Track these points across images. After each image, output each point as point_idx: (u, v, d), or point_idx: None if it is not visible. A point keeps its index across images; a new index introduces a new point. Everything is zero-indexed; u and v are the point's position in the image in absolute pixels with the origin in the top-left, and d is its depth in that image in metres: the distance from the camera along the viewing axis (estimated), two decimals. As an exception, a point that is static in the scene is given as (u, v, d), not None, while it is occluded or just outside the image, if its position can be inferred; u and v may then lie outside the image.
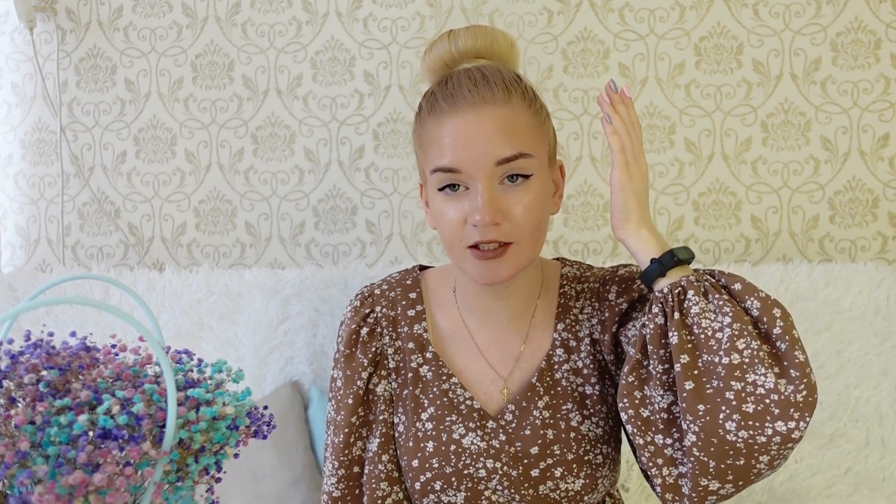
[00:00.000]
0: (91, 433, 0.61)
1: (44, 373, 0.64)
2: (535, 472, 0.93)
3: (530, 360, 0.98)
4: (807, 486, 1.42)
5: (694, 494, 0.82)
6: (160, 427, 0.63)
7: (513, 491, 0.92)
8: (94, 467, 0.59)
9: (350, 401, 0.99)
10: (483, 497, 0.93)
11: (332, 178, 1.73)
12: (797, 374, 0.77)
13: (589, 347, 0.97)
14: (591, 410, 0.95)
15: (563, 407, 0.95)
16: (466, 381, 0.98)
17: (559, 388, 0.96)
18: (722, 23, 1.66)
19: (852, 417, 1.45)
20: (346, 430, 0.98)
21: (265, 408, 0.75)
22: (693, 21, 1.67)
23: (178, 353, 0.72)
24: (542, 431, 0.93)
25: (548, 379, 0.96)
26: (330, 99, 1.72)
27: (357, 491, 0.99)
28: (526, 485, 0.92)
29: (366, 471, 0.98)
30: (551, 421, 0.94)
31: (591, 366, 0.97)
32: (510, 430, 0.94)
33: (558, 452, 0.93)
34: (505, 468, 0.93)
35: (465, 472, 0.93)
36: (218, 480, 0.70)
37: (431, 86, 0.95)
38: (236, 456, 0.70)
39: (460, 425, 0.95)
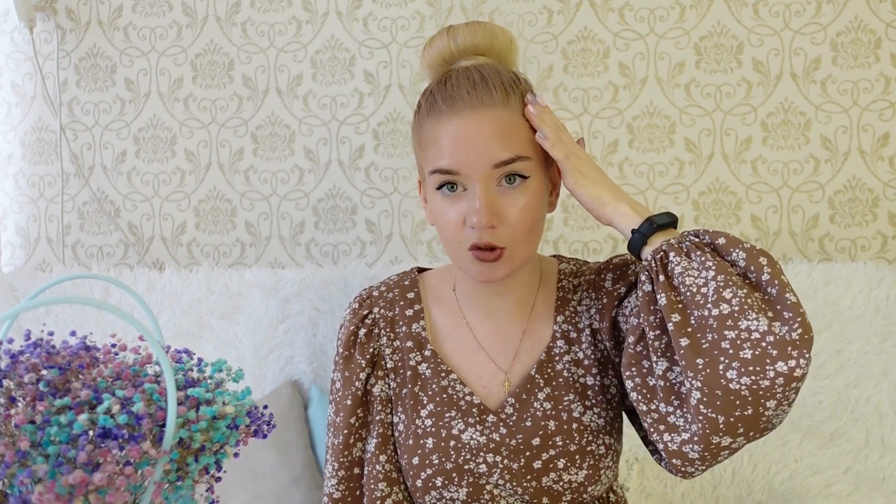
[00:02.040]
0: (91, 432, 0.61)
1: (44, 372, 0.64)
2: (537, 464, 0.93)
3: (530, 353, 0.99)
4: (807, 485, 1.42)
5: (707, 454, 0.81)
6: (160, 426, 0.63)
7: (514, 484, 0.93)
8: (94, 467, 0.59)
9: (349, 402, 0.99)
10: (485, 492, 0.93)
11: (331, 177, 1.73)
12: (790, 314, 0.77)
13: (589, 338, 0.98)
14: (593, 401, 0.96)
15: (565, 398, 0.95)
16: (466, 376, 0.98)
17: (560, 380, 0.96)
18: (722, 22, 1.66)
19: (852, 417, 1.45)
20: (346, 432, 0.99)
21: (265, 407, 0.75)
22: (693, 20, 1.67)
23: (178, 353, 0.72)
24: (543, 423, 0.94)
25: (548, 370, 0.97)
26: (330, 98, 1.72)
27: (358, 492, 0.99)
28: (528, 477, 0.93)
29: (365, 471, 0.99)
30: (553, 412, 0.95)
31: (592, 357, 0.97)
32: (511, 424, 0.95)
33: (560, 444, 0.93)
34: (506, 462, 0.93)
35: (466, 467, 0.93)
36: (218, 480, 0.70)
37: (430, 84, 0.95)
38: (236, 455, 0.70)
39: (459, 421, 0.95)
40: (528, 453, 0.93)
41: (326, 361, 1.53)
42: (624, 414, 1.00)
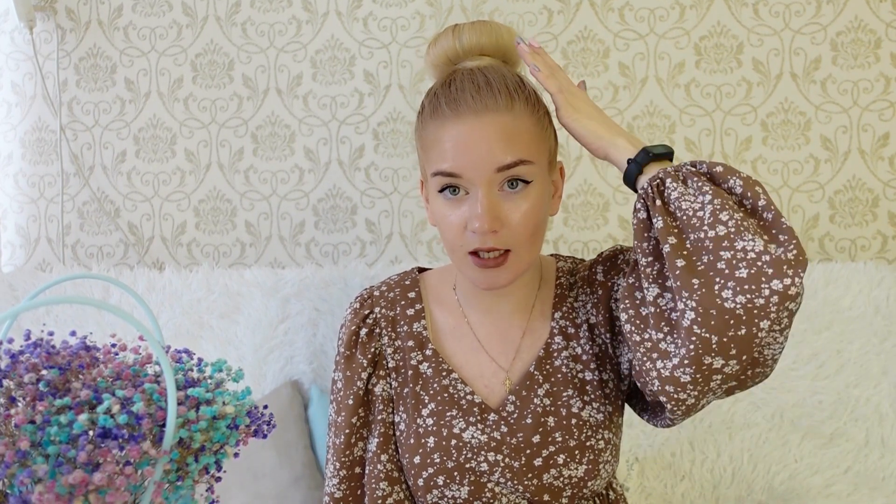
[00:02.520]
0: (91, 432, 0.61)
1: (44, 372, 0.64)
2: (538, 462, 0.93)
3: (530, 351, 0.99)
4: (807, 485, 1.42)
5: (698, 375, 0.80)
6: (160, 426, 0.63)
7: (515, 482, 0.93)
8: (94, 466, 0.59)
9: (350, 401, 1.00)
10: (486, 490, 0.94)
11: (331, 177, 1.73)
12: (785, 237, 0.78)
13: (587, 334, 0.98)
14: (592, 396, 0.96)
15: (564, 394, 0.96)
16: (467, 376, 0.99)
17: (559, 376, 0.97)
18: (722, 22, 1.66)
19: (852, 417, 1.45)
20: (347, 431, 0.99)
21: (265, 407, 0.75)
22: (693, 20, 1.67)
23: (178, 353, 0.72)
24: (542, 419, 0.94)
25: (547, 367, 0.97)
26: (330, 98, 1.72)
27: (359, 492, 0.99)
28: (529, 475, 0.93)
29: (366, 471, 0.99)
30: (552, 408, 0.95)
31: (590, 352, 0.98)
32: (511, 422, 0.95)
33: (560, 439, 0.93)
34: (507, 460, 0.93)
35: (467, 465, 0.93)
36: (218, 480, 0.70)
37: (434, 84, 0.95)
38: (236, 455, 0.71)
39: (460, 420, 0.95)
40: (528, 451, 0.94)
41: (326, 361, 1.53)
42: (627, 406, 1.00)
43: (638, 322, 0.86)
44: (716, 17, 1.66)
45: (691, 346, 0.79)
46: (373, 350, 1.01)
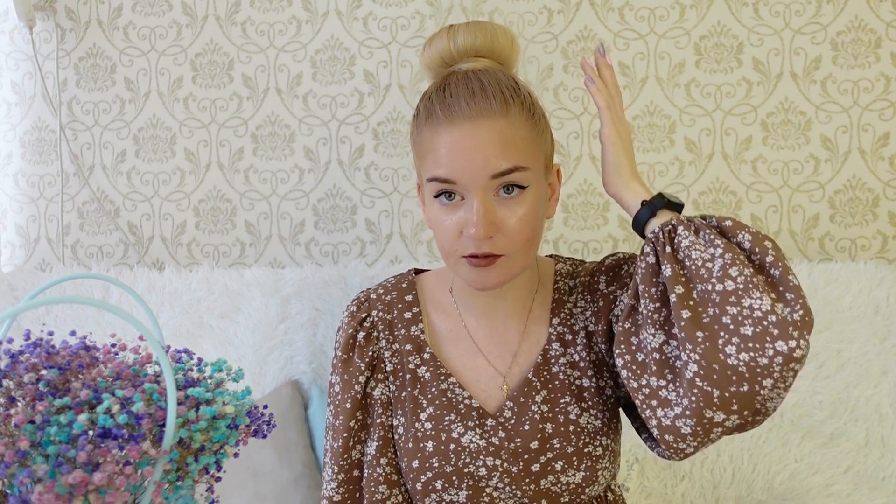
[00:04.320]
0: (91, 432, 0.61)
1: (43, 372, 0.64)
2: (535, 467, 0.93)
3: (528, 356, 0.99)
4: (807, 485, 1.42)
5: (699, 428, 0.80)
6: (160, 426, 0.63)
7: (514, 487, 0.93)
8: (94, 466, 0.59)
9: (348, 405, 0.99)
10: (484, 494, 0.93)
11: (331, 177, 1.73)
12: (792, 296, 0.78)
13: (585, 340, 0.98)
14: (589, 403, 0.96)
15: (562, 400, 0.96)
16: (465, 380, 0.98)
17: (556, 382, 0.96)
18: (722, 22, 1.66)
19: (852, 416, 1.45)
20: (345, 435, 0.99)
21: (265, 407, 0.75)
22: (693, 20, 1.67)
23: (178, 353, 0.72)
24: (541, 426, 0.94)
25: (545, 373, 0.97)
26: (330, 98, 1.72)
27: (357, 495, 0.99)
28: (527, 480, 0.93)
29: (365, 474, 0.99)
30: (550, 415, 0.95)
31: (588, 359, 0.98)
32: (509, 427, 0.95)
33: (558, 446, 0.93)
34: (505, 465, 0.93)
35: (465, 470, 0.93)
36: (218, 479, 0.70)
37: (429, 89, 0.94)
38: (236, 455, 0.70)
39: (459, 424, 0.95)
40: (526, 456, 0.93)
41: (326, 361, 1.53)
42: (623, 413, 1.00)
43: (634, 368, 0.86)
44: (716, 16, 1.66)
45: (693, 399, 0.79)
46: (370, 353, 1.01)
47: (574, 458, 0.93)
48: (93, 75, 1.76)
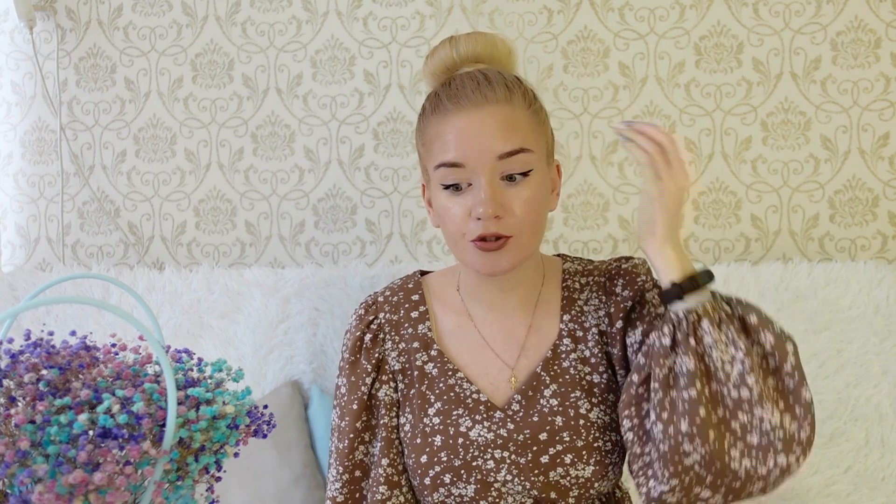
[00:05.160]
0: (91, 432, 0.61)
1: (44, 372, 0.64)
2: (544, 459, 0.94)
3: (536, 350, 1.00)
4: (806, 485, 1.42)
5: (685, 500, 0.85)
6: (160, 426, 0.63)
7: (522, 478, 0.93)
8: (94, 466, 0.59)
9: (355, 406, 1.01)
10: (493, 488, 0.94)
11: (331, 177, 1.73)
12: (802, 411, 0.82)
13: (596, 338, 1.00)
14: (599, 398, 0.97)
15: (572, 395, 0.97)
16: (472, 374, 0.99)
17: (567, 377, 0.97)
18: (722, 22, 1.66)
19: (852, 416, 1.45)
20: (351, 436, 1.00)
21: (265, 407, 0.75)
22: (693, 20, 1.67)
23: (178, 353, 0.72)
24: (550, 418, 0.95)
25: (554, 368, 0.98)
26: (330, 98, 1.72)
27: (357, 495, 1.00)
28: (536, 471, 0.94)
29: (370, 475, 1.00)
30: (560, 408, 0.96)
31: (599, 356, 0.99)
32: (518, 419, 0.96)
33: (567, 439, 0.94)
34: (513, 457, 0.94)
35: (474, 463, 0.94)
36: (218, 479, 0.70)
37: (434, 87, 0.98)
38: (236, 455, 0.71)
39: (467, 418, 0.96)
40: (535, 448, 0.94)
41: (326, 361, 1.53)
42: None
43: (641, 434, 0.89)
44: (716, 16, 1.66)
45: (686, 479, 0.84)
46: (377, 355, 1.02)
47: (584, 452, 0.94)
48: (93, 75, 1.76)
